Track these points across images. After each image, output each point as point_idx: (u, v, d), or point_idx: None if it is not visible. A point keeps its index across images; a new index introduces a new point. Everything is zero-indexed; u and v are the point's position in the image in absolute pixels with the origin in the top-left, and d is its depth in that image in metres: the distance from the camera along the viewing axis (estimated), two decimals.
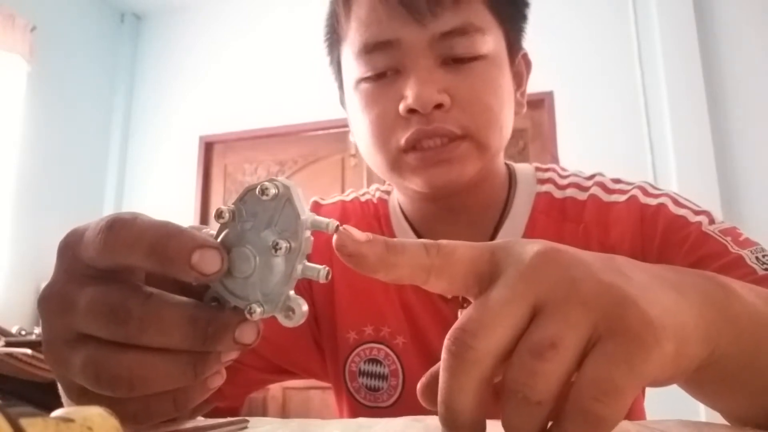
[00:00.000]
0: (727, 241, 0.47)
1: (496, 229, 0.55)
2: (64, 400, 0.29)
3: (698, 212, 0.51)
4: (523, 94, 0.58)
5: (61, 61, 2.96)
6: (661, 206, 0.52)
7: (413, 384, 0.31)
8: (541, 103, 2.55)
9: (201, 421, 0.31)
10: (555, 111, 2.55)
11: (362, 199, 0.64)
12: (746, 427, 0.31)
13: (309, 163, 3.02)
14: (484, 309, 0.23)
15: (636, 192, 0.54)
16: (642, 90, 2.44)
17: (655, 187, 0.55)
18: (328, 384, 0.61)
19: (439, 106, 0.48)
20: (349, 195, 0.65)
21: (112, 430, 0.16)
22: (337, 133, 2.86)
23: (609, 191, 0.55)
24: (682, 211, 0.51)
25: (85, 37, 3.15)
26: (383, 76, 0.51)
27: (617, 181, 0.57)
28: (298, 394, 2.66)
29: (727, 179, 2.25)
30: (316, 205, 0.63)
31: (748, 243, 0.47)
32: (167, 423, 0.29)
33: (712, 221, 0.50)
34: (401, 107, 0.49)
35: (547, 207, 0.56)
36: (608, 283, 0.23)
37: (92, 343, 0.24)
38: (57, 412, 0.15)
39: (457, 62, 0.49)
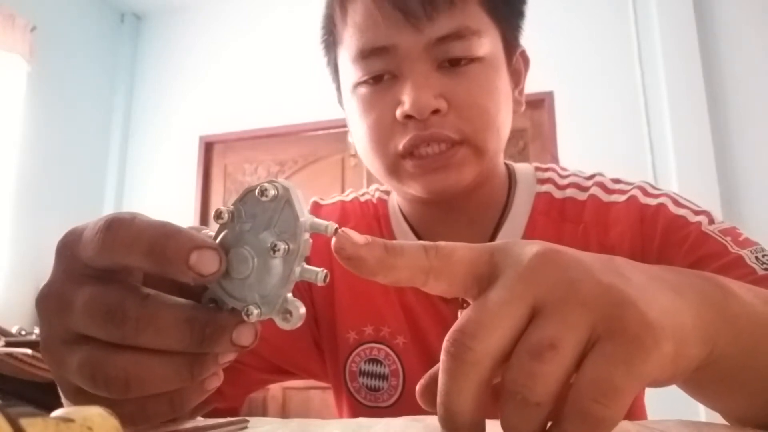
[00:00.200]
0: (726, 241, 0.47)
1: (496, 229, 0.55)
2: (63, 400, 0.29)
3: (698, 212, 0.51)
4: (521, 92, 0.58)
5: (61, 61, 2.96)
6: (661, 206, 0.52)
7: (413, 384, 0.31)
8: (541, 103, 2.55)
9: (201, 422, 0.31)
10: (555, 111, 2.55)
11: (362, 199, 0.64)
12: (746, 427, 0.31)
13: (309, 163, 3.02)
14: (483, 310, 0.23)
15: (636, 192, 0.54)
16: (642, 90, 2.44)
17: (654, 187, 0.55)
18: (327, 384, 0.61)
19: (435, 111, 0.48)
20: (348, 195, 0.65)
21: (112, 430, 0.16)
22: (337, 133, 2.86)
23: (609, 191, 0.55)
24: (682, 211, 0.51)
25: (85, 37, 3.15)
26: (380, 79, 0.51)
27: (617, 181, 0.57)
28: (298, 394, 2.66)
29: (727, 179, 2.25)
30: (316, 206, 0.63)
31: (747, 243, 0.47)
32: (167, 423, 0.29)
33: (711, 221, 0.50)
34: (398, 113, 0.49)
35: (546, 207, 0.56)
36: (607, 284, 0.23)
37: (89, 344, 0.24)
38: (57, 412, 0.15)
39: (454, 65, 0.49)
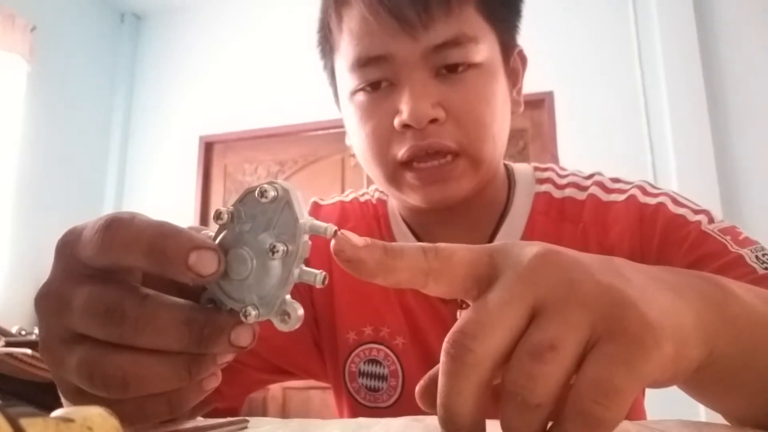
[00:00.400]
0: (726, 240, 0.47)
1: (495, 229, 0.55)
2: (63, 401, 0.29)
3: (697, 211, 0.51)
4: (519, 91, 0.58)
5: (61, 61, 2.96)
6: (660, 205, 0.52)
7: (413, 384, 0.31)
8: (541, 103, 2.55)
9: (201, 421, 0.31)
10: (555, 111, 2.54)
11: (361, 199, 0.64)
12: (746, 427, 0.31)
13: (309, 163, 3.02)
14: (483, 311, 0.23)
15: (635, 191, 0.54)
16: (642, 90, 2.44)
17: (654, 186, 0.55)
18: (327, 384, 0.61)
19: (433, 120, 0.48)
20: (348, 195, 0.65)
21: (112, 430, 0.16)
22: (337, 133, 2.85)
23: (608, 191, 0.55)
24: (682, 210, 0.51)
25: (85, 37, 3.15)
26: (378, 86, 0.51)
27: (616, 180, 0.57)
28: (298, 394, 2.66)
29: (727, 179, 2.25)
30: (316, 206, 0.63)
31: (747, 242, 0.47)
32: (166, 423, 0.28)
33: (711, 220, 0.50)
34: (396, 122, 0.49)
35: (546, 207, 0.56)
36: (607, 284, 0.23)
37: (88, 343, 0.24)
38: (57, 412, 0.15)
39: (451, 72, 0.49)
